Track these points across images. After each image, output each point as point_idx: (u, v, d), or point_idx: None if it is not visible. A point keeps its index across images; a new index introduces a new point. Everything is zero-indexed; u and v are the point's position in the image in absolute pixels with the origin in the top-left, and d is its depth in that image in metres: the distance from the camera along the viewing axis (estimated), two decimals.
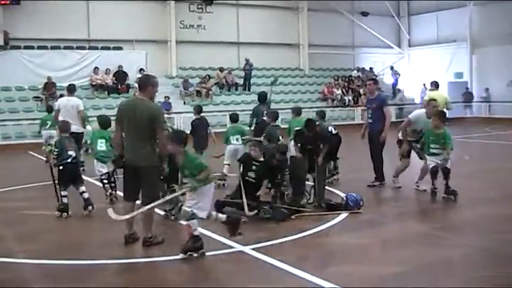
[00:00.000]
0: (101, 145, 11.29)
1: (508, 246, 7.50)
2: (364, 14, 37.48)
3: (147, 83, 7.83)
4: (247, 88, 32.31)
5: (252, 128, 14.10)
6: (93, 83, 28.00)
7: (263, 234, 8.05)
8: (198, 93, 30.07)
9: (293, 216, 9.01)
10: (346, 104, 33.61)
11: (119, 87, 28.42)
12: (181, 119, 25.16)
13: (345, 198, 9.64)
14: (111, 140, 8.07)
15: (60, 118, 13.66)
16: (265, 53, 34.49)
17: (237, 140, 12.76)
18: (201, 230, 7.92)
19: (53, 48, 28.51)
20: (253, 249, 7.29)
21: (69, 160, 9.84)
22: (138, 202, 7.78)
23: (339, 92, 34.14)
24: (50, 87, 26.36)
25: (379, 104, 12.37)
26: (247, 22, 34.15)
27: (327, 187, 10.63)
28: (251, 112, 14.78)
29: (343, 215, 9.20)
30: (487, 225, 8.70)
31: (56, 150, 9.88)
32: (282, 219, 8.79)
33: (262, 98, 15.21)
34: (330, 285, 5.93)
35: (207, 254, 7.13)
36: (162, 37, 31.94)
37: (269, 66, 34.99)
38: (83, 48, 29.51)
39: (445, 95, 15.54)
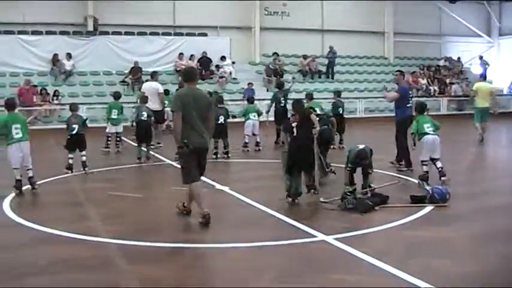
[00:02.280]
0: (114, 114, 16.60)
1: None
2: (452, 0, 36.32)
3: (196, 73, 8.89)
4: (330, 76, 32.06)
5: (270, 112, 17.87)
6: (178, 69, 28.39)
7: (346, 225, 7.98)
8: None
9: (377, 208, 8.87)
10: (432, 94, 32.83)
11: (203, 73, 28.74)
12: (264, 106, 25.21)
13: (430, 191, 9.38)
14: (174, 128, 8.35)
15: None
16: (350, 40, 34.08)
17: (254, 116, 16.43)
18: (283, 218, 8.02)
19: (139, 34, 29.18)
20: (336, 239, 7.22)
21: (73, 132, 12.80)
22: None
23: (424, 81, 33.35)
24: (136, 72, 26.99)
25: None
26: (331, 9, 33.83)
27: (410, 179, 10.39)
28: (270, 98, 17.99)
29: (428, 208, 8.96)
30: None
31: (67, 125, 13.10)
32: (365, 211, 8.67)
33: (280, 84, 18.49)
34: (413, 279, 5.78)
35: (289, 242, 7.14)
36: (246, 23, 32.09)
37: (353, 54, 34.62)
38: (169, 34, 30.04)
39: (489, 86, 19.69)
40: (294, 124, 9.65)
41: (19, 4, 27.23)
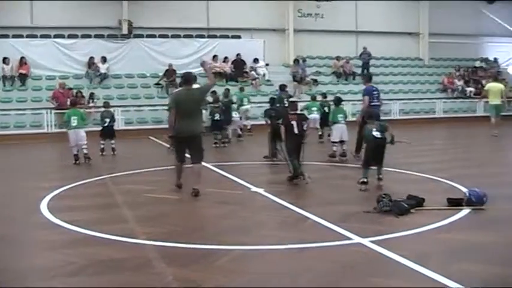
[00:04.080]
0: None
1: None
2: (490, 1, 35.78)
3: (191, 77, 10.68)
4: None
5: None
6: (212, 71, 28.45)
7: (382, 228, 7.89)
8: (315, 81, 29.97)
9: (413, 210, 8.76)
10: (468, 95, 32.41)
11: (237, 75, 28.85)
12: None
13: (467, 194, 9.23)
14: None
15: None
16: (384, 42, 33.95)
17: (340, 118, 15.91)
18: (319, 220, 7.96)
19: (173, 36, 29.46)
20: (372, 241, 7.13)
21: (105, 124, 17.36)
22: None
23: (460, 83, 32.97)
24: (170, 74, 27.18)
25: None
26: (365, 10, 33.74)
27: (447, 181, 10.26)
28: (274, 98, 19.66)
29: (465, 211, 8.82)
30: None
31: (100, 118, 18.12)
32: (401, 213, 8.57)
33: (283, 86, 20.56)
34: (454, 284, 5.67)
35: (325, 244, 7.10)
36: (280, 26, 32.15)
37: (388, 55, 34.37)
38: (202, 36, 30.25)
39: (500, 86, 22.08)
40: (293, 122, 11.54)
41: (55, 8, 27.68)
